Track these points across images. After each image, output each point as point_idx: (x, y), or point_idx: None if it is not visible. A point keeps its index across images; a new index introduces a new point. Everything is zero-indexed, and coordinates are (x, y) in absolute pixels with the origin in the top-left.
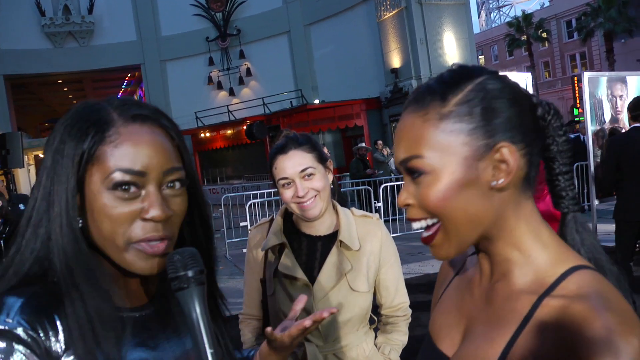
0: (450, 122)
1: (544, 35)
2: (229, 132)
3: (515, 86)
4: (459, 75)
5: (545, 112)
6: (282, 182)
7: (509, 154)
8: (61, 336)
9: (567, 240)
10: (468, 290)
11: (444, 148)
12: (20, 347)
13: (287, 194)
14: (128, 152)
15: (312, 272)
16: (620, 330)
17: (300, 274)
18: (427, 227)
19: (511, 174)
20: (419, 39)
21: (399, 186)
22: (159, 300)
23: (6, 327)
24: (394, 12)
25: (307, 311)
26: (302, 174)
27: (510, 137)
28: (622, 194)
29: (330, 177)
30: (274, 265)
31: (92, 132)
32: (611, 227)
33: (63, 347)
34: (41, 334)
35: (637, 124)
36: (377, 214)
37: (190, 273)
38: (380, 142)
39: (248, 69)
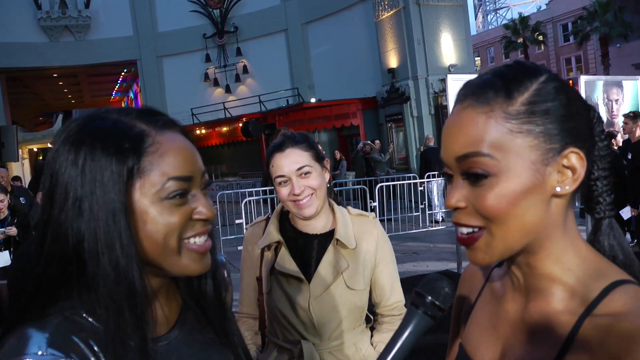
0: (519, 122)
1: (540, 38)
2: (224, 129)
3: (573, 89)
4: (520, 72)
5: (595, 116)
6: (278, 180)
7: (578, 160)
8: None
9: (601, 246)
10: (501, 305)
11: (511, 149)
12: None
13: (284, 192)
14: (174, 160)
15: (309, 270)
16: None
17: (296, 272)
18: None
19: (577, 181)
20: (416, 40)
21: (394, 186)
22: (183, 327)
23: None
24: (391, 12)
25: (303, 309)
26: (298, 172)
27: (579, 143)
28: None
29: (327, 175)
30: (271, 264)
31: (129, 146)
32: None
33: None
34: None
35: None
36: (372, 213)
37: (429, 299)
38: (377, 141)
39: (245, 67)
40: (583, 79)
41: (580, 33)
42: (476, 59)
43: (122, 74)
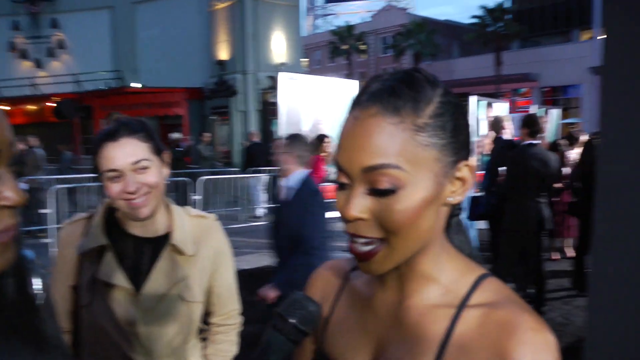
0: (426, 135)
1: (364, 47)
2: (31, 107)
3: (460, 101)
4: (423, 82)
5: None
6: (109, 174)
7: (469, 171)
8: None
9: (452, 241)
10: (369, 308)
11: (420, 161)
12: None
13: (115, 188)
14: None
15: (139, 280)
16: (542, 327)
17: (124, 282)
18: (369, 243)
19: (467, 191)
20: (249, 34)
21: (219, 180)
22: None
23: None
24: (227, 3)
25: (131, 324)
26: (134, 167)
27: (468, 155)
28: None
29: (166, 171)
30: (92, 271)
31: None
32: None
33: None
34: None
35: (532, 141)
36: (213, 214)
37: (292, 322)
38: (207, 134)
39: (61, 41)
40: None
41: (397, 47)
42: (304, 60)
43: None
